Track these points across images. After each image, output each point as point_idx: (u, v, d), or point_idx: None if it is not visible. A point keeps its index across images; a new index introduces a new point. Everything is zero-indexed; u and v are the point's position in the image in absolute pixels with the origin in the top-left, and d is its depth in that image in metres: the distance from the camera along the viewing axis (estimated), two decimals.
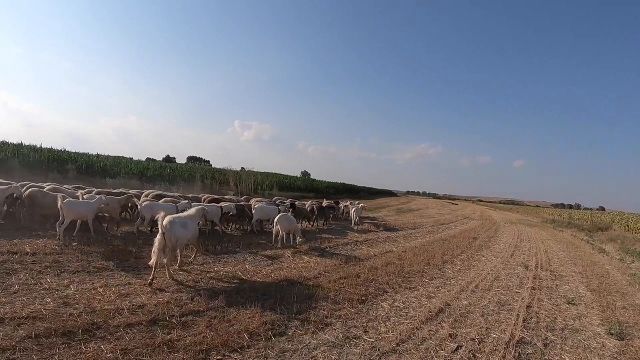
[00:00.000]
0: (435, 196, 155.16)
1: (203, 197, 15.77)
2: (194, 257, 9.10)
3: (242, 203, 15.14)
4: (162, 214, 7.52)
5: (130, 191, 15.48)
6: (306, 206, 18.32)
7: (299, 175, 75.94)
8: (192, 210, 8.62)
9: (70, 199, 10.01)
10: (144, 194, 14.57)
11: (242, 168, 52.58)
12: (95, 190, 13.79)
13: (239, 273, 8.27)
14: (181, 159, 77.16)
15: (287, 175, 57.54)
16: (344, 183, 71.25)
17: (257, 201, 16.82)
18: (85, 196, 11.25)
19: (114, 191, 14.26)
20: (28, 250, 8.11)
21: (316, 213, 18.12)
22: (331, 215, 19.80)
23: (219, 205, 13.22)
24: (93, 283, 6.64)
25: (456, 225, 26.19)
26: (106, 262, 7.92)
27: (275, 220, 11.84)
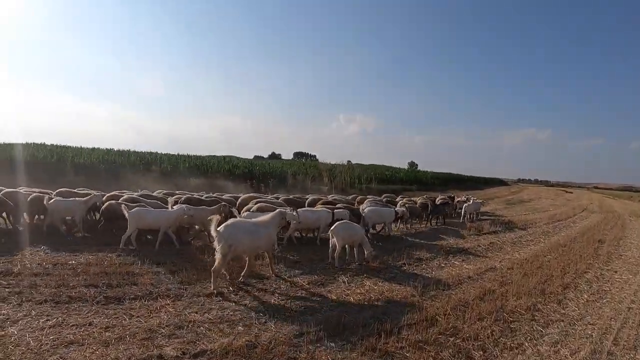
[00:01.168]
0: (547, 184, 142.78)
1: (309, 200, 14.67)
2: (271, 270, 8.22)
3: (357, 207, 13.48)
4: (215, 216, 7.13)
5: (224, 196, 14.87)
6: (417, 203, 17.19)
7: (405, 167, 74.34)
8: (267, 217, 7.97)
9: (139, 208, 9.71)
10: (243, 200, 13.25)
11: (349, 162, 53.04)
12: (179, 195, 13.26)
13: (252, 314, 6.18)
14: (287, 155, 79.59)
15: (389, 167, 56.33)
16: (450, 173, 67.71)
17: (367, 202, 15.32)
18: (174, 206, 10.45)
19: (203, 197, 13.26)
20: (14, 270, 7.30)
21: (430, 211, 16.83)
22: (446, 213, 18.15)
23: (329, 210, 11.63)
24: (48, 320, 5.45)
25: (575, 222, 22.11)
26: (88, 290, 6.61)
27: (331, 230, 9.24)
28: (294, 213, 9.13)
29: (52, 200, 10.42)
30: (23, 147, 27.42)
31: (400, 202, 17.35)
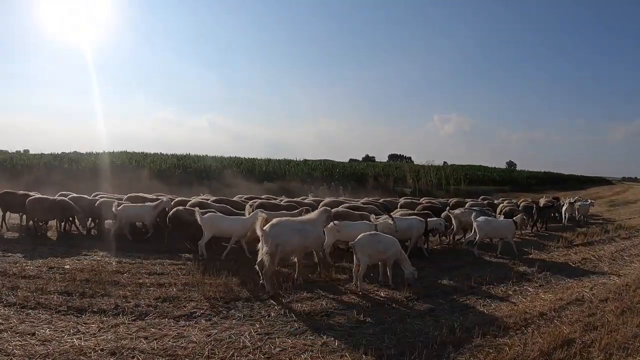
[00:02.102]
0: None
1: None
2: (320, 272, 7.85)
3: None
4: (262, 215, 7.05)
5: (306, 200, 13.97)
6: (519, 207, 15.37)
7: (503, 167, 70.36)
8: (313, 214, 7.80)
9: (212, 214, 9.12)
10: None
11: (445, 163, 52.11)
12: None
13: None
14: (382, 157, 79.77)
15: (481, 166, 52.77)
16: (548, 172, 61.67)
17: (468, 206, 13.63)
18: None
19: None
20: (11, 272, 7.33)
21: (535, 215, 14.75)
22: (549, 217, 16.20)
23: (422, 219, 9.82)
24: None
25: None
26: (59, 297, 6.24)
27: (353, 244, 7.18)
28: (391, 222, 8.62)
29: (121, 206, 10.35)
30: (107, 155, 29.95)
31: (501, 205, 15.58)
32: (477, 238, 10.32)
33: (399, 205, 13.86)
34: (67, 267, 7.86)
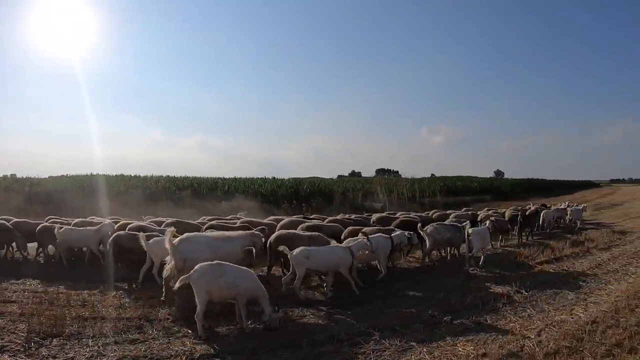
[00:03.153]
0: None
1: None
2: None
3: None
4: (171, 229, 7.11)
5: (266, 220, 12.67)
6: (505, 216, 15.22)
7: (491, 176, 71.49)
8: (234, 232, 8.11)
9: (158, 239, 8.10)
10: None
11: (432, 175, 52.05)
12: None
13: None
14: (370, 172, 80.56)
15: (460, 177, 52.19)
16: (533, 179, 62.11)
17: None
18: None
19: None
20: None
21: (520, 224, 14.36)
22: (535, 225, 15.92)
23: (387, 235, 9.15)
24: None
25: None
26: None
27: (188, 276, 5.85)
28: (367, 241, 8.22)
29: (62, 230, 9.99)
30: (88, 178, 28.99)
31: (482, 215, 15.45)
32: (474, 250, 9.99)
33: (372, 222, 13.07)
34: None
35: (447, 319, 6.73)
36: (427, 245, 10.36)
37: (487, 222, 12.28)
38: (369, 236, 8.70)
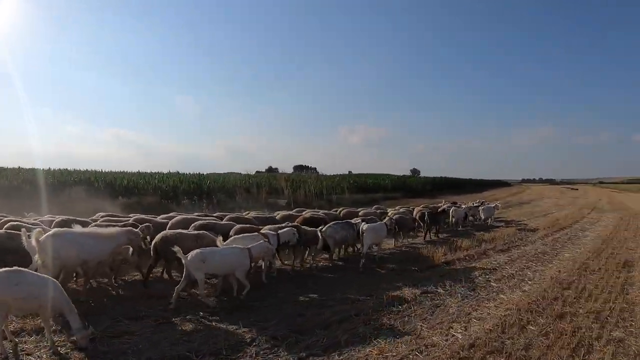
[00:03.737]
0: (552, 182, 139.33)
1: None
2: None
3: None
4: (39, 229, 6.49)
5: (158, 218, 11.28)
6: (414, 213, 15.02)
7: (407, 174, 71.11)
8: (108, 229, 7.44)
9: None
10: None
11: (349, 172, 51.43)
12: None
13: None
14: (288, 169, 78.03)
15: (374, 174, 51.39)
16: (445, 177, 62.41)
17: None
18: None
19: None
20: None
21: (427, 221, 13.96)
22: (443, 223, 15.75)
23: (274, 232, 8.79)
24: None
25: (584, 228, 16.66)
26: None
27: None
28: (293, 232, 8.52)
29: None
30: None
31: (391, 212, 14.88)
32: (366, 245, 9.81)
33: (277, 219, 12.33)
34: None
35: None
36: (330, 246, 9.76)
37: (387, 219, 11.70)
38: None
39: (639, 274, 9.01)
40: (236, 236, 8.43)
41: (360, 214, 13.97)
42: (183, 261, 6.65)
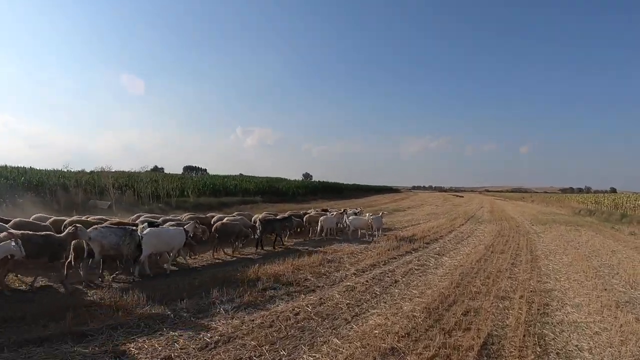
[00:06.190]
0: (441, 189, 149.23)
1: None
2: None
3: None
4: None
5: None
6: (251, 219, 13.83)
7: (300, 178, 72.21)
8: None
9: None
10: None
11: (240, 174, 50.40)
12: None
13: None
14: (177, 169, 74.86)
15: (237, 176, 47.76)
16: (325, 182, 59.67)
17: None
18: None
19: None
20: None
21: (260, 229, 12.25)
22: (288, 231, 14.04)
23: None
24: None
25: (444, 252, 11.93)
26: None
27: None
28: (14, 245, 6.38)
29: None
30: None
31: (257, 217, 14.00)
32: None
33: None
34: None
35: None
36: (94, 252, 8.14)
37: (190, 224, 10.23)
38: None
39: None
40: None
41: (184, 218, 12.47)
42: None
